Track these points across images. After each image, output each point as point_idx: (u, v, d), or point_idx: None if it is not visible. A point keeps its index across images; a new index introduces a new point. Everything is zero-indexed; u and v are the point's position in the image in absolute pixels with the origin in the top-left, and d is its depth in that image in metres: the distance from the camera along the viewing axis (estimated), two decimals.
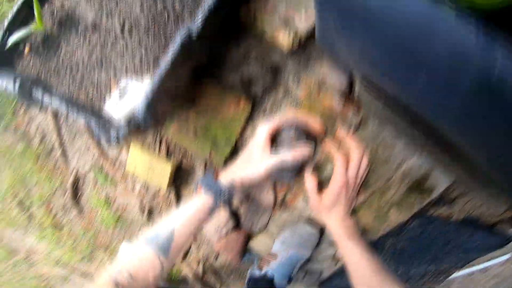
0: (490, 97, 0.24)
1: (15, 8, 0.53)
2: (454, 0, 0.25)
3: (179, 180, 0.80)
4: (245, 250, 0.85)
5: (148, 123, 0.47)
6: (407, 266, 0.85)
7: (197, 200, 0.54)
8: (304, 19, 0.52)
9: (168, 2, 0.51)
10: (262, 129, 0.57)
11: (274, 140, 0.59)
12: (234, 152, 0.67)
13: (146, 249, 0.49)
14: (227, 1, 0.48)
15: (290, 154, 0.56)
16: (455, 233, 0.75)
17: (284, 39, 0.54)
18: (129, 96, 0.51)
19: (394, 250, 0.79)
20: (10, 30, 0.53)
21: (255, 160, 0.56)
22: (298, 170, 0.63)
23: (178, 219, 0.53)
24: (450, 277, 0.91)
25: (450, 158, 0.51)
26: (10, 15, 0.53)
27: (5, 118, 0.87)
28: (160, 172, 0.75)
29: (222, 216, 0.80)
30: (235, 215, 0.81)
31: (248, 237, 0.83)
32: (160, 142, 0.76)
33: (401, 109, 0.47)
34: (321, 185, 0.64)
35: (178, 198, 0.85)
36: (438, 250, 0.80)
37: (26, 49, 0.55)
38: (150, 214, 0.92)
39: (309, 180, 0.62)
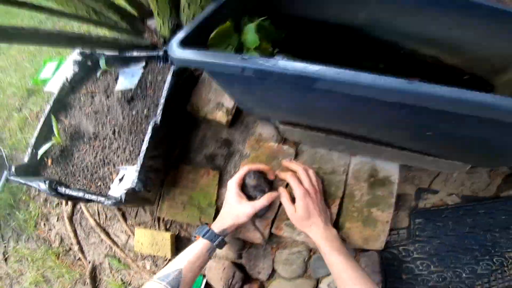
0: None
1: (38, 128, 0.76)
2: None
3: (181, 248, 0.89)
4: None
5: (141, 190, 0.65)
6: (459, 268, 0.76)
7: (196, 245, 0.66)
8: (229, 101, 0.79)
9: (139, 110, 0.77)
10: (231, 184, 0.72)
11: (242, 187, 0.74)
12: (217, 211, 0.82)
13: (159, 286, 0.57)
14: (174, 99, 0.74)
15: (265, 199, 0.70)
16: (470, 216, 0.76)
17: (221, 117, 0.78)
18: (126, 179, 0.73)
19: (429, 254, 0.77)
20: (35, 147, 0.75)
21: (236, 210, 0.69)
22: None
23: (183, 261, 0.62)
24: None
25: (375, 144, 0.66)
26: (35, 134, 0.77)
27: (27, 230, 1.04)
28: (162, 243, 0.89)
29: (227, 269, 0.85)
30: (239, 266, 0.86)
31: (262, 287, 0.86)
32: (159, 221, 0.91)
33: (311, 125, 0.67)
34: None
35: None
36: (475, 238, 0.76)
37: (49, 161, 0.77)
38: None
39: (283, 193, 0.73)
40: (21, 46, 1.75)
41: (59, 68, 1.40)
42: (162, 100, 0.72)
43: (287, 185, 0.78)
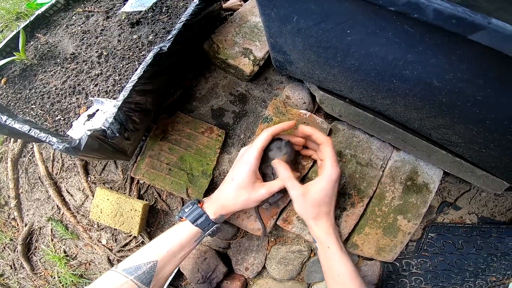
0: None
1: (3, 42, 0.57)
2: None
3: (154, 223, 0.74)
4: None
5: (115, 134, 0.46)
6: (451, 286, 0.76)
7: (182, 230, 0.50)
8: (260, 49, 0.62)
9: (143, 34, 0.58)
10: (251, 154, 0.51)
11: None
12: (212, 183, 0.65)
13: (125, 280, 0.45)
14: (192, 29, 0.57)
15: (280, 181, 0.52)
16: (482, 237, 0.73)
17: (245, 64, 0.62)
18: (97, 116, 0.52)
19: (425, 271, 0.74)
20: None
21: (247, 193, 0.51)
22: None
23: (161, 249, 0.48)
24: None
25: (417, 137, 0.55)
26: None
27: None
28: (129, 214, 0.68)
29: (209, 260, 0.70)
30: (224, 258, 0.71)
31: (246, 284, 0.73)
32: (131, 183, 0.71)
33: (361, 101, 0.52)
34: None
35: None
36: (476, 260, 0.74)
37: (3, 81, 0.57)
38: None
39: (281, 167, 0.52)
40: None
41: None
42: (179, 25, 0.54)
43: None
